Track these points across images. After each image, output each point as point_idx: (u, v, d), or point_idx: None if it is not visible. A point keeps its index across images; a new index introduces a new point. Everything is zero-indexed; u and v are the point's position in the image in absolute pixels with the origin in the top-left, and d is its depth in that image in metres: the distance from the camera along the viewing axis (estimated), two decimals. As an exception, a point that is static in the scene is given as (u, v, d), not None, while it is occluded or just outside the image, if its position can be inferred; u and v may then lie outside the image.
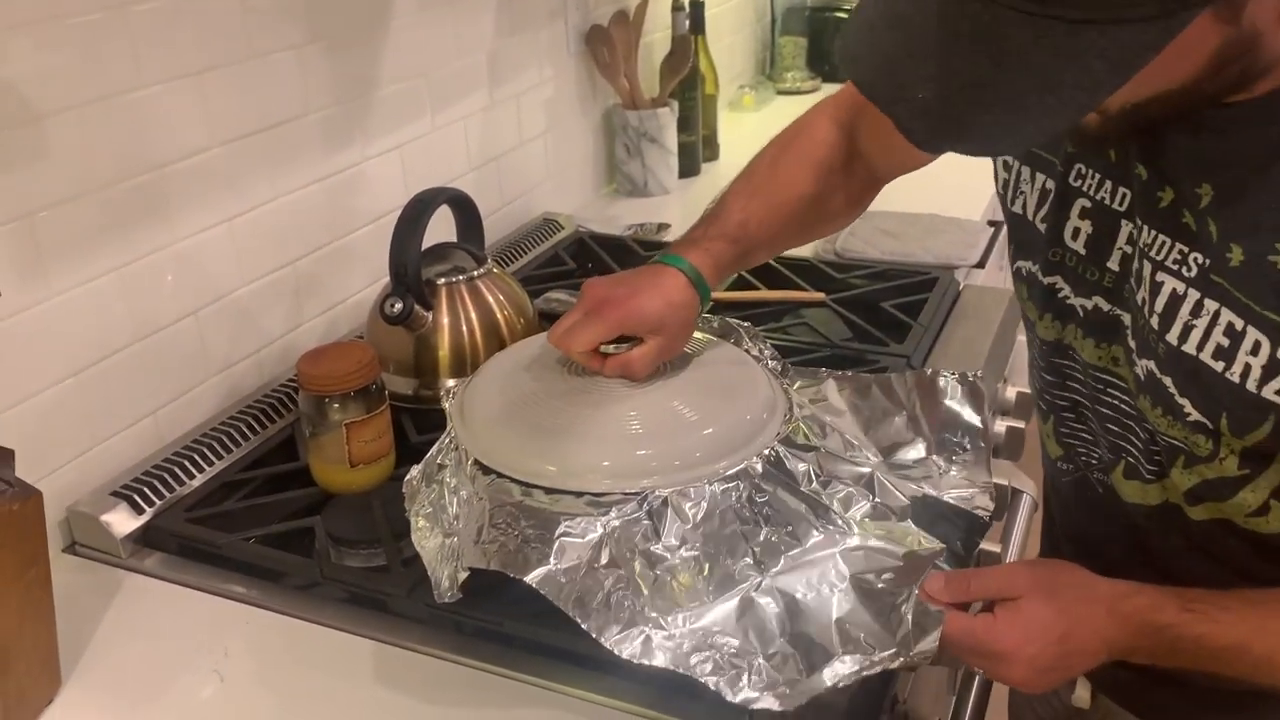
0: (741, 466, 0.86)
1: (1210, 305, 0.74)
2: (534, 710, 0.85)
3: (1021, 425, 1.31)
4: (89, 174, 1.05)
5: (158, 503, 1.07)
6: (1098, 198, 0.83)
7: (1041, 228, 0.88)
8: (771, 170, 1.05)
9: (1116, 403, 0.85)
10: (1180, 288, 0.75)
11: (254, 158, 1.24)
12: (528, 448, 0.87)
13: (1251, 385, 0.72)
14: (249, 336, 1.27)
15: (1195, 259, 0.74)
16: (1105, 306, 0.84)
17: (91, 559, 1.04)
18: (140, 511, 1.05)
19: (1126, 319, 0.82)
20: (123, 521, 1.04)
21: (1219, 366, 0.73)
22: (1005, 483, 1.24)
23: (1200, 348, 0.74)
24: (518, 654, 0.89)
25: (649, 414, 0.90)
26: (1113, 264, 0.83)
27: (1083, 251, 0.84)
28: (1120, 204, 0.81)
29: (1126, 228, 0.81)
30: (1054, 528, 1.05)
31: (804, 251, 1.65)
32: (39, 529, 0.84)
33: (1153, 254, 0.77)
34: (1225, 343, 0.73)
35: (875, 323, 1.39)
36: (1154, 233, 0.77)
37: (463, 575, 0.83)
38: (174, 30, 1.11)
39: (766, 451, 0.88)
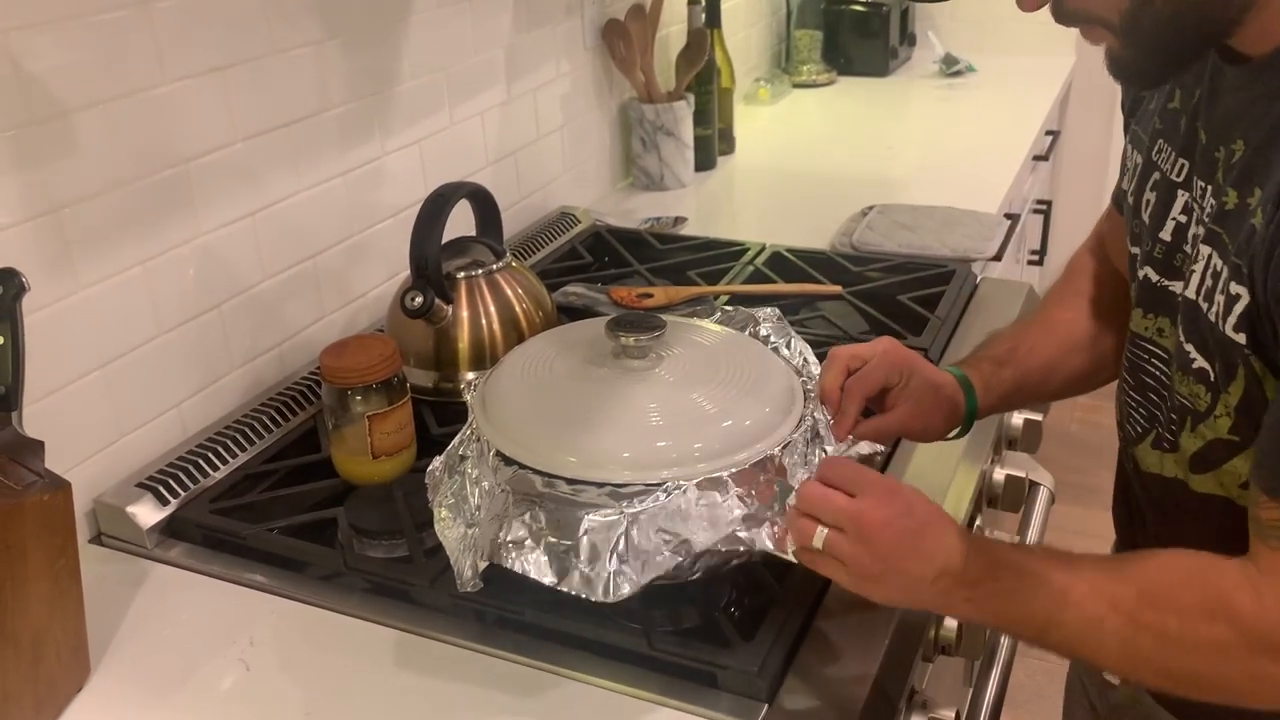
0: (761, 459, 0.87)
1: (1204, 250, 0.78)
2: (555, 698, 0.86)
3: (1039, 418, 1.31)
4: (114, 169, 1.06)
5: (182, 494, 1.08)
6: (1166, 170, 0.87)
7: (1130, 201, 0.92)
8: (1042, 304, 1.12)
9: (1157, 373, 0.88)
10: (1201, 233, 0.80)
11: (275, 152, 1.25)
12: (549, 439, 0.88)
13: (1221, 323, 0.75)
14: (271, 330, 1.28)
15: (1210, 205, 0.79)
16: (1154, 278, 0.87)
17: (118, 550, 1.06)
18: (165, 503, 1.07)
19: (1177, 288, 0.84)
20: (148, 512, 1.05)
21: (1205, 307, 0.78)
22: (1022, 475, 1.24)
23: (1198, 291, 0.79)
24: (539, 642, 0.90)
25: (669, 406, 0.90)
26: (1165, 234, 0.86)
27: (1148, 223, 0.88)
28: (1178, 175, 0.84)
29: (1182, 197, 0.84)
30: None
31: (821, 244, 1.66)
32: (68, 520, 0.86)
33: (1200, 215, 0.81)
34: (1210, 284, 0.77)
35: (892, 316, 1.39)
36: (1203, 186, 0.81)
37: (484, 565, 0.84)
38: (196, 27, 1.12)
39: (785, 443, 0.89)
